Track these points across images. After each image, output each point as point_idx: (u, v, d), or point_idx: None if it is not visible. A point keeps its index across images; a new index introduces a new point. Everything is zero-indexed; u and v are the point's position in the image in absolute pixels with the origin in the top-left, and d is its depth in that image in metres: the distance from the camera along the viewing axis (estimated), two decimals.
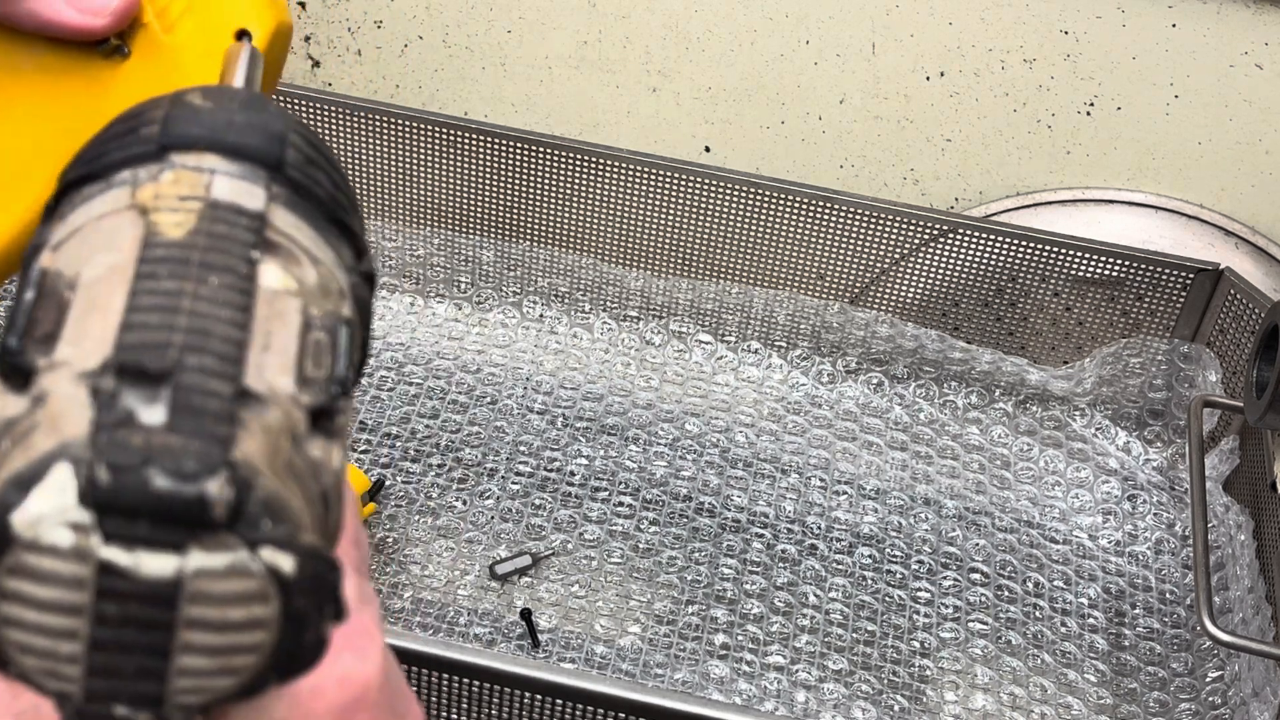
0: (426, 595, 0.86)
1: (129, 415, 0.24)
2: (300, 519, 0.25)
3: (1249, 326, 0.93)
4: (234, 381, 0.25)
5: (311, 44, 1.17)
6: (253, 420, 0.25)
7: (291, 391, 0.26)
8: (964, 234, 0.98)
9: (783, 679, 0.84)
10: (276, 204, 0.29)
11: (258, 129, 0.29)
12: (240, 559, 0.24)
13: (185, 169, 0.28)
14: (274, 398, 0.26)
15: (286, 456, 0.25)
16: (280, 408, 0.26)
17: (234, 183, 0.28)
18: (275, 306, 0.27)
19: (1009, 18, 1.02)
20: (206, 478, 0.23)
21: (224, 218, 0.27)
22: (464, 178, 1.02)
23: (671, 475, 0.96)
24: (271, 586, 0.24)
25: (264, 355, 0.26)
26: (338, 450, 0.27)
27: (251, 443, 0.24)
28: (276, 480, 0.25)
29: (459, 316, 1.07)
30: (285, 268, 0.28)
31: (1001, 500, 0.97)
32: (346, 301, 0.29)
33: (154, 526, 0.23)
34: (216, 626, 0.24)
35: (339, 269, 0.30)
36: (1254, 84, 1.00)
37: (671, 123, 1.13)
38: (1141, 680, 0.87)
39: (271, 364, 0.26)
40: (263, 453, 0.25)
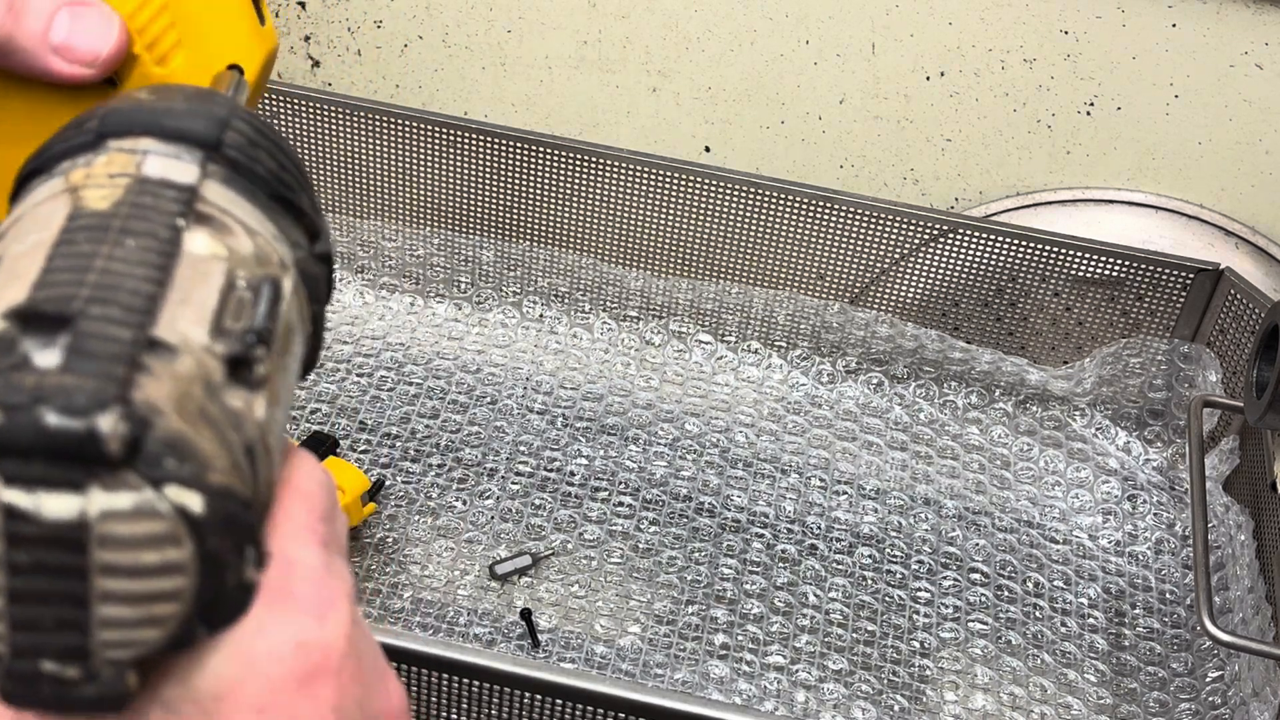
0: (426, 595, 0.86)
1: (24, 359, 0.24)
2: (211, 461, 0.25)
3: (1249, 326, 0.93)
4: (139, 329, 0.25)
5: (311, 44, 1.17)
6: (160, 367, 0.25)
7: (205, 341, 0.26)
8: (964, 234, 0.98)
9: (783, 679, 0.84)
10: (212, 180, 0.29)
11: (198, 114, 0.30)
12: (145, 498, 0.24)
13: (120, 151, 0.29)
14: (186, 346, 0.26)
15: (199, 403, 0.25)
16: (192, 356, 0.26)
17: (166, 160, 0.29)
18: (199, 268, 0.27)
19: (1009, 18, 1.02)
20: (97, 413, 0.23)
21: (151, 190, 0.28)
22: (464, 178, 1.02)
23: (671, 475, 0.96)
24: (182, 527, 0.24)
25: (180, 309, 0.26)
26: (261, 402, 0.27)
27: (156, 387, 0.24)
28: (185, 422, 0.25)
29: (459, 316, 1.07)
30: (215, 236, 0.28)
31: (1001, 500, 0.97)
32: (289, 272, 0.30)
33: (50, 465, 0.23)
34: (131, 571, 0.24)
35: (280, 243, 0.30)
36: (1254, 84, 1.00)
37: (671, 123, 1.13)
38: (1141, 680, 0.87)
39: (186, 316, 0.26)
40: (169, 397, 0.25)
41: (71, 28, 0.38)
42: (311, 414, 0.97)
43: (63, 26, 0.38)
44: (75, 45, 0.38)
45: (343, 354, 1.03)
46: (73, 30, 0.38)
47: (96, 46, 0.38)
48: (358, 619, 0.29)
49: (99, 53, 0.38)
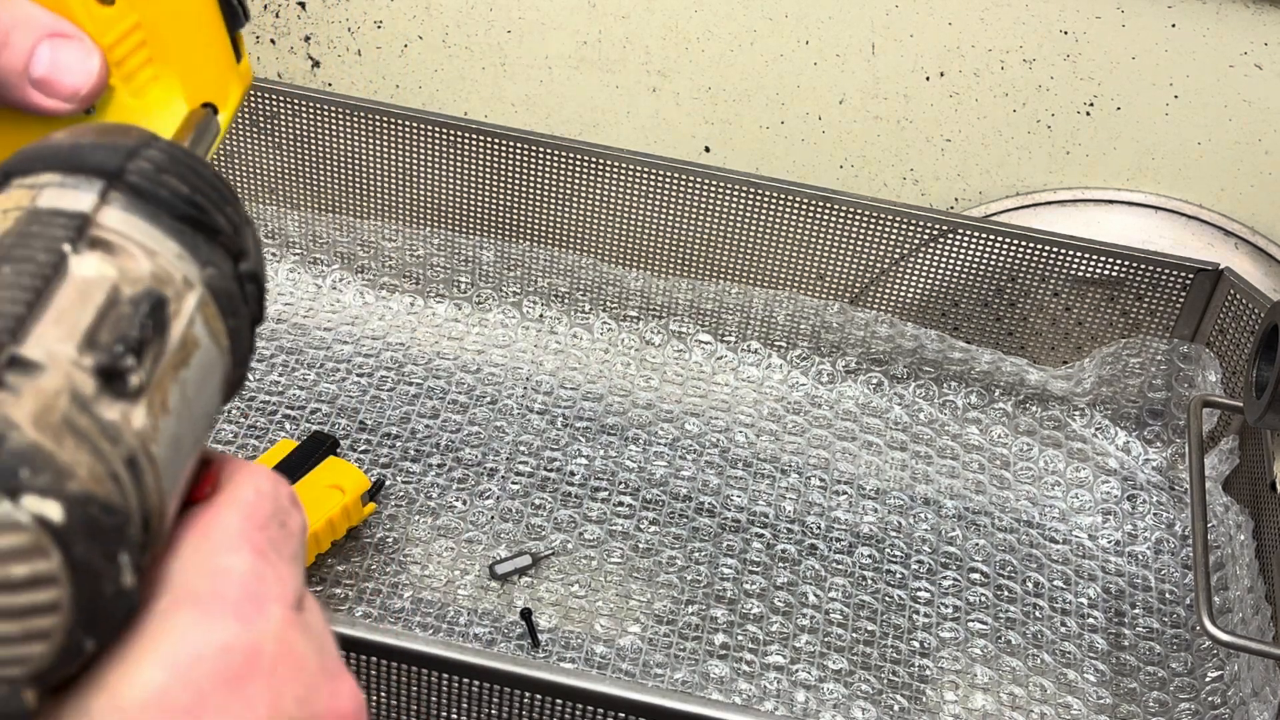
0: (426, 595, 0.86)
1: None
2: (70, 470, 0.25)
3: (1249, 326, 0.93)
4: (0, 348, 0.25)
5: (311, 44, 1.17)
6: (22, 384, 0.25)
7: (73, 356, 0.26)
8: (964, 234, 0.98)
9: (782, 679, 0.84)
10: (111, 206, 0.30)
11: (103, 146, 0.30)
12: (3, 511, 0.24)
13: (19, 188, 0.30)
14: (51, 362, 0.26)
15: (63, 415, 0.26)
16: (59, 371, 0.26)
17: (63, 191, 0.29)
18: (83, 289, 0.28)
19: (1009, 18, 1.02)
20: None
21: (41, 219, 0.28)
22: (464, 178, 1.02)
23: (671, 475, 0.96)
24: (45, 537, 0.24)
25: (51, 327, 0.27)
26: (140, 412, 0.27)
27: (14, 404, 0.25)
28: (45, 436, 0.25)
29: (459, 316, 1.07)
30: (107, 259, 0.29)
31: (1001, 500, 0.97)
32: (193, 289, 0.30)
33: None
34: (2, 587, 0.24)
35: (186, 262, 0.30)
36: (1254, 84, 1.00)
37: (671, 123, 1.13)
38: (1141, 680, 0.87)
39: (56, 334, 0.27)
40: (30, 413, 0.25)
41: (53, 61, 0.38)
42: (311, 414, 0.97)
43: (43, 60, 0.38)
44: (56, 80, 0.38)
45: (343, 354, 1.03)
46: (54, 64, 0.38)
47: (77, 82, 0.38)
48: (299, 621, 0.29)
49: (79, 88, 0.39)
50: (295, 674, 0.29)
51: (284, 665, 0.28)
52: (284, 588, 0.30)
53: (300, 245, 1.08)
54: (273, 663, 0.28)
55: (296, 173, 1.04)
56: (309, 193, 1.05)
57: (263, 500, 0.31)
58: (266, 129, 1.03)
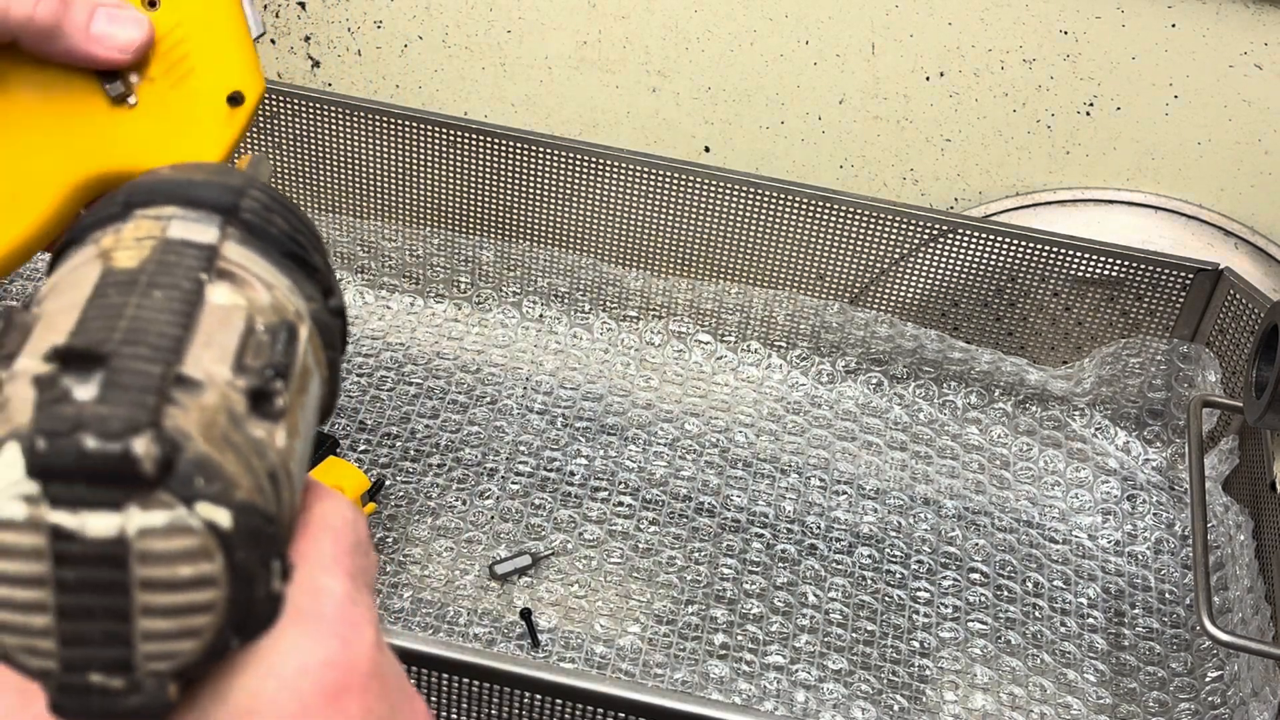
0: (426, 595, 0.86)
1: (65, 393, 0.26)
2: (237, 480, 0.27)
3: (1248, 326, 0.93)
4: (167, 366, 0.27)
5: (311, 44, 1.17)
6: (187, 400, 0.27)
7: (228, 377, 0.28)
8: (963, 234, 0.98)
9: (782, 679, 0.84)
10: (230, 240, 0.32)
11: (215, 185, 0.33)
12: (178, 515, 0.26)
13: (145, 219, 0.32)
14: (210, 381, 0.28)
15: (224, 431, 0.28)
16: (216, 390, 0.28)
17: (188, 224, 0.31)
18: (221, 315, 0.30)
19: (1008, 18, 1.02)
20: (132, 436, 0.25)
21: (175, 250, 0.30)
22: (464, 178, 1.02)
23: (671, 475, 0.96)
24: (212, 541, 0.26)
25: (204, 349, 0.28)
26: (282, 433, 0.29)
27: (184, 416, 0.27)
28: (211, 447, 0.27)
29: (459, 316, 1.07)
30: (235, 289, 0.31)
31: (1001, 500, 0.97)
32: (304, 321, 0.32)
33: (91, 486, 0.25)
34: (168, 585, 0.26)
35: (295, 295, 0.33)
36: (1253, 84, 1.00)
37: (671, 123, 1.13)
38: (1141, 680, 0.87)
39: (210, 355, 0.28)
40: (196, 424, 0.27)
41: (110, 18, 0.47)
42: None
43: (101, 19, 0.47)
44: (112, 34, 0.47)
45: None
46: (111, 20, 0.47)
47: (131, 35, 0.47)
48: (382, 644, 0.32)
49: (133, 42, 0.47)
50: (383, 692, 0.31)
51: (375, 684, 0.30)
52: (370, 611, 0.32)
53: None
54: (365, 681, 0.30)
55: (296, 173, 1.04)
56: (309, 193, 1.05)
57: (348, 529, 0.33)
58: (266, 129, 1.03)
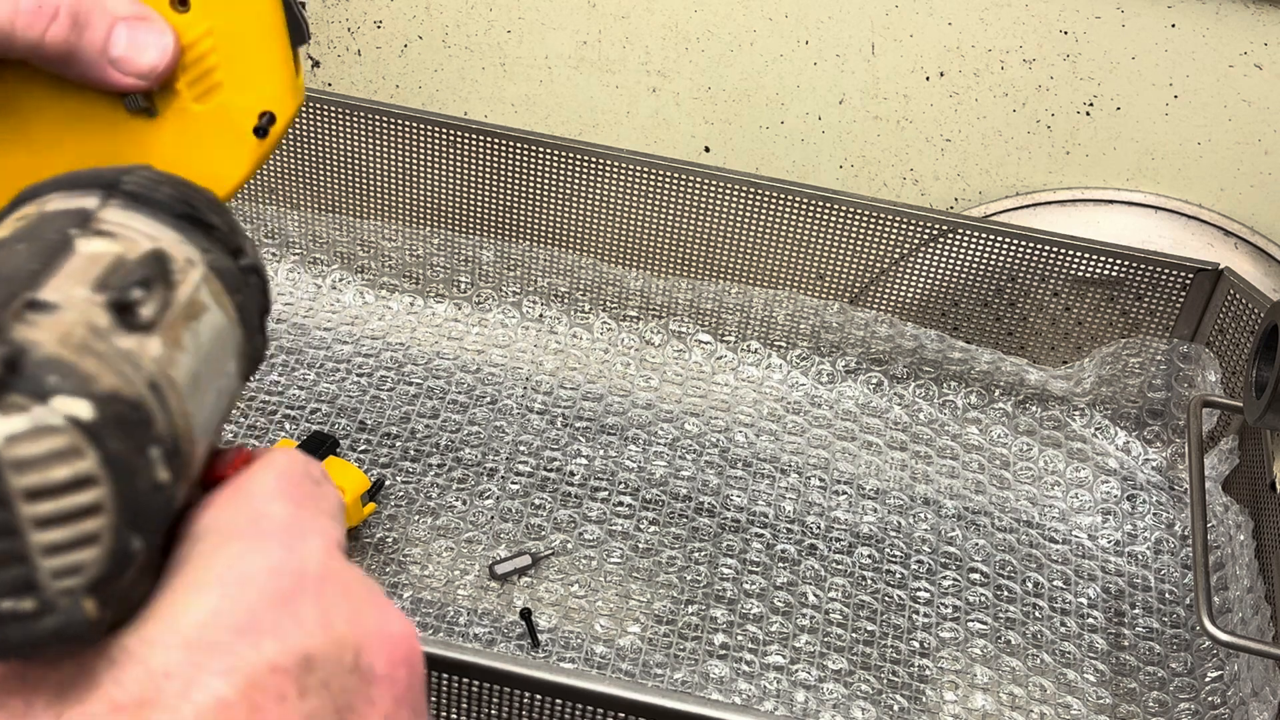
0: (426, 595, 0.86)
1: None
2: (95, 376, 0.27)
3: (1248, 326, 0.93)
4: (18, 295, 0.27)
5: (311, 44, 1.17)
6: (41, 319, 0.27)
7: (85, 295, 0.28)
8: (963, 234, 0.98)
9: (782, 679, 0.84)
10: (110, 206, 0.32)
11: (102, 170, 0.33)
12: (37, 415, 0.26)
13: (30, 205, 0.32)
14: (67, 303, 0.28)
15: (81, 340, 0.27)
16: (75, 310, 0.28)
17: (67, 198, 0.32)
18: (90, 258, 0.30)
19: (1008, 18, 1.02)
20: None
21: (49, 218, 0.31)
22: (464, 178, 1.02)
23: (671, 475, 0.96)
24: (79, 436, 0.26)
25: (64, 280, 0.29)
26: (155, 343, 0.29)
27: (33, 331, 0.27)
28: (66, 351, 0.27)
29: (459, 316, 1.07)
30: (110, 241, 0.31)
31: (1001, 500, 0.97)
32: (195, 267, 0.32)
33: None
34: (48, 491, 0.26)
35: (185, 246, 0.32)
36: (1253, 84, 1.00)
37: (671, 123, 1.13)
38: (1141, 680, 0.87)
39: (68, 283, 0.29)
40: (50, 336, 0.27)
41: (129, 41, 0.42)
42: (311, 414, 0.97)
43: (120, 40, 0.42)
44: (132, 58, 0.42)
45: (343, 354, 1.03)
46: (130, 43, 0.42)
47: (153, 60, 0.42)
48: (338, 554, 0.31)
49: (155, 66, 0.42)
50: (342, 595, 0.30)
51: (330, 586, 0.30)
52: (325, 534, 0.31)
53: (300, 245, 1.08)
54: (319, 583, 0.30)
55: (296, 173, 1.04)
56: (309, 193, 1.05)
57: (295, 464, 0.32)
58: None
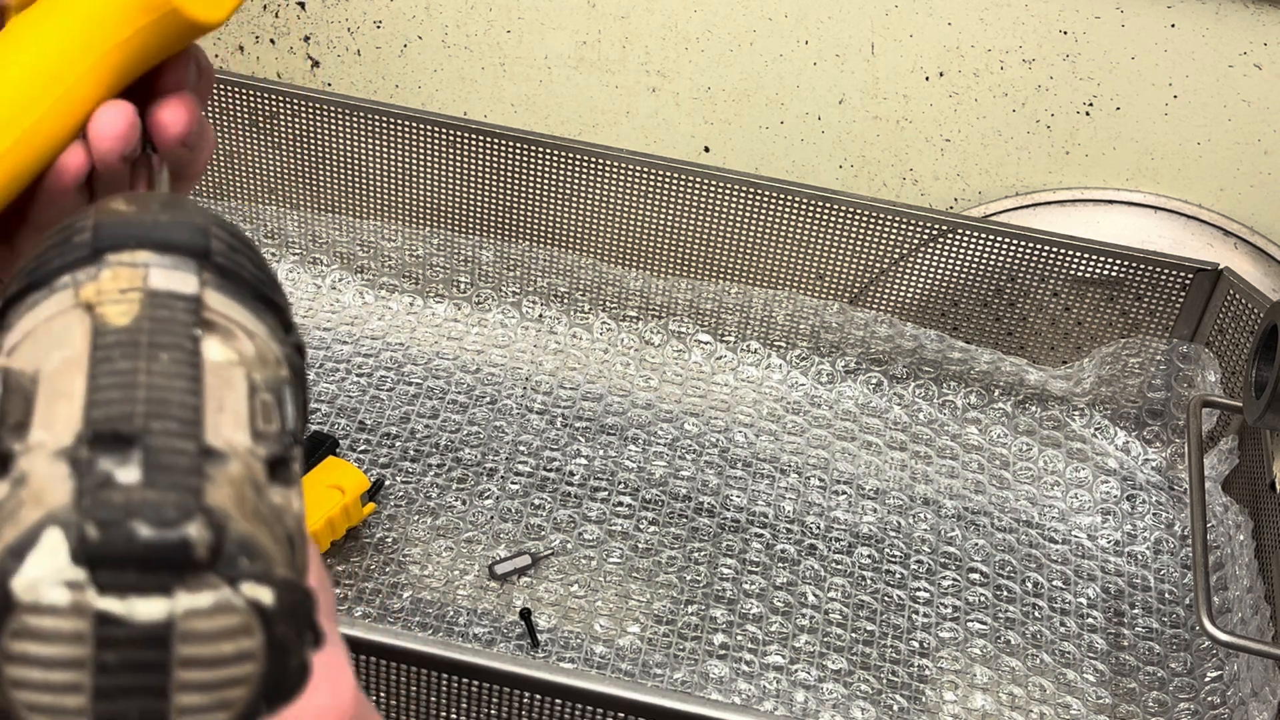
0: (426, 595, 0.86)
1: (107, 477, 0.26)
2: (274, 556, 0.27)
3: (1248, 326, 0.93)
4: (196, 440, 0.27)
5: (311, 44, 1.17)
6: (218, 473, 0.27)
7: (249, 445, 0.29)
8: (963, 234, 0.98)
9: (782, 679, 0.84)
10: (208, 287, 0.31)
11: (182, 225, 0.32)
12: (224, 595, 0.26)
13: (121, 265, 0.31)
14: (233, 452, 0.28)
15: (253, 503, 0.28)
16: (240, 460, 0.28)
17: (167, 272, 0.31)
18: (222, 375, 0.30)
19: (1008, 18, 1.02)
20: (186, 523, 0.26)
21: (163, 303, 0.30)
22: (464, 178, 1.02)
23: (671, 475, 0.96)
24: (254, 619, 0.27)
25: (219, 416, 0.29)
26: (296, 496, 0.30)
27: (220, 492, 0.27)
28: (248, 523, 0.27)
29: (459, 316, 1.07)
30: (225, 342, 0.31)
31: (1000, 500, 0.97)
32: (284, 367, 0.32)
33: (142, 573, 0.26)
34: (208, 663, 0.26)
35: (273, 340, 0.33)
36: (1253, 84, 1.00)
37: (671, 123, 1.13)
38: (1140, 680, 0.87)
39: (227, 423, 0.29)
40: (231, 500, 0.27)
41: None
42: (311, 414, 0.97)
43: None
44: None
45: (342, 354, 1.03)
46: None
47: None
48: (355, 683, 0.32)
49: None
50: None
51: None
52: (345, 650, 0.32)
53: (300, 245, 1.08)
54: None
55: (296, 173, 1.04)
56: (309, 193, 1.05)
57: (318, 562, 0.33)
58: (266, 129, 1.03)
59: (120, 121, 0.40)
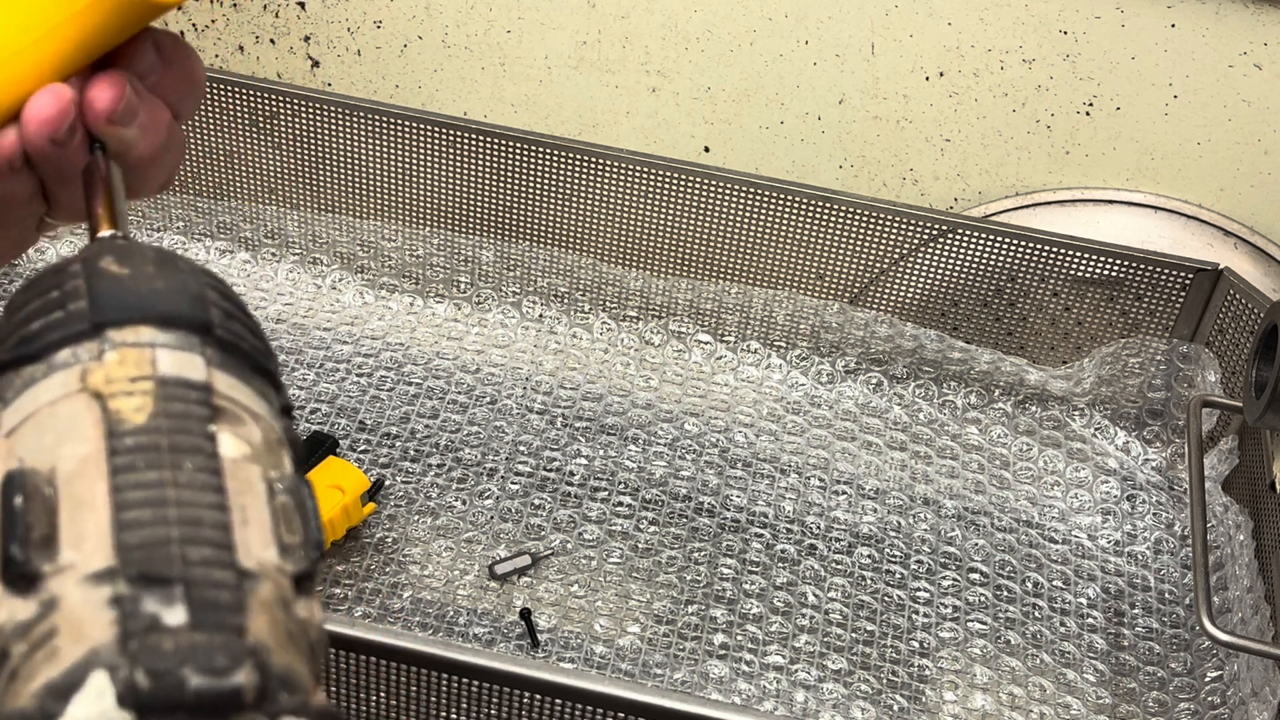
0: (426, 595, 0.86)
1: (154, 620, 0.26)
2: (307, 683, 0.27)
3: (1248, 326, 0.93)
4: (233, 567, 0.27)
5: (311, 44, 1.17)
6: (254, 600, 0.27)
7: (277, 562, 0.28)
8: (963, 234, 0.98)
9: (782, 679, 0.84)
10: (214, 368, 0.31)
11: (181, 293, 0.31)
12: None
13: (126, 346, 0.30)
14: (264, 572, 0.28)
15: (284, 624, 0.27)
16: (270, 580, 0.28)
17: (175, 354, 0.30)
18: (239, 477, 0.29)
19: (1008, 18, 1.02)
20: (236, 670, 0.25)
21: (177, 395, 0.29)
22: (464, 178, 1.02)
23: (671, 475, 0.96)
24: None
25: (245, 531, 0.28)
26: (318, 605, 0.29)
27: (258, 621, 0.27)
28: (284, 652, 0.27)
29: (459, 316, 1.07)
30: (236, 433, 0.30)
31: (1000, 500, 0.97)
32: (285, 449, 0.31)
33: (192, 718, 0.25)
34: None
35: (274, 418, 0.32)
36: (1253, 84, 1.00)
37: (671, 123, 1.13)
38: (1140, 680, 0.87)
39: (254, 539, 0.28)
40: (267, 628, 0.27)
41: None
42: (311, 414, 0.97)
43: None
44: None
45: (342, 354, 1.03)
46: None
47: None
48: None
49: None
50: None
51: None
52: None
53: (300, 245, 1.08)
54: None
55: (296, 173, 1.04)
56: (309, 193, 1.05)
57: None
58: (266, 129, 1.03)
59: (50, 106, 0.37)
